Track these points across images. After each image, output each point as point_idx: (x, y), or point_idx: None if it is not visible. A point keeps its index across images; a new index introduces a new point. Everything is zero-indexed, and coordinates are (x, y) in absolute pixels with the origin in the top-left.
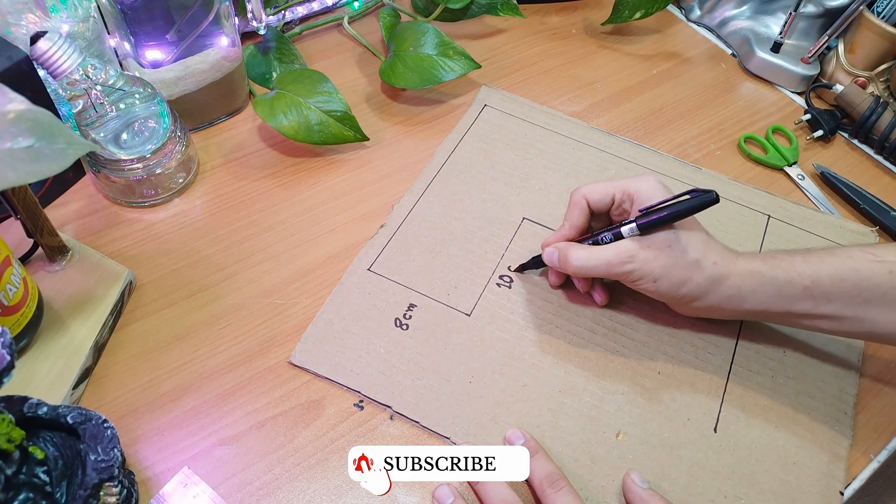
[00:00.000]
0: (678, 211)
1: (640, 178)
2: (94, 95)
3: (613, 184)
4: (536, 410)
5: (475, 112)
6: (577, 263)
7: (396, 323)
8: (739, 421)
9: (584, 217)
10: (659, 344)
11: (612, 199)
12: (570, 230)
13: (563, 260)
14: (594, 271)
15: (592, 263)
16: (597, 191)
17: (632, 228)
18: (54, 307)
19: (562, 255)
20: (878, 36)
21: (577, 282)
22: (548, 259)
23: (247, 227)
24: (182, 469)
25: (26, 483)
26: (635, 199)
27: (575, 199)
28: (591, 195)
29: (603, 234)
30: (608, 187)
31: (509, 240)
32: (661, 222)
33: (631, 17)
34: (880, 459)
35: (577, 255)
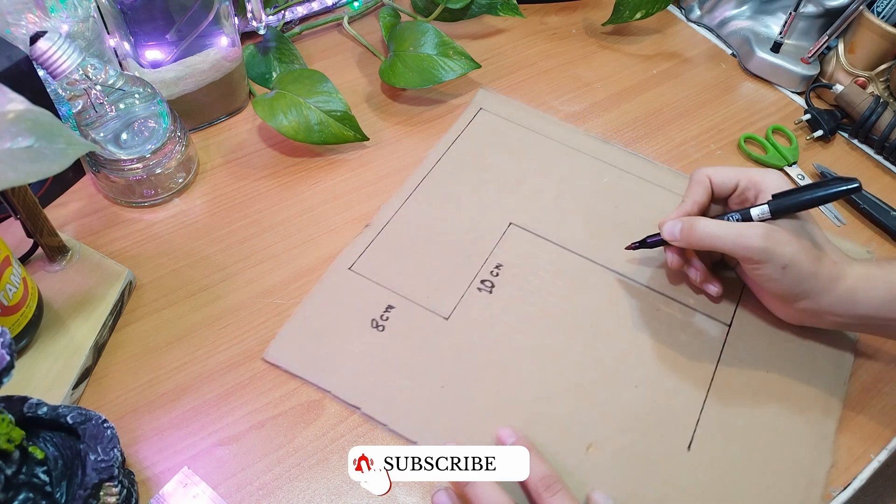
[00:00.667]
0: (818, 196)
1: (767, 171)
2: (93, 95)
3: (739, 170)
4: (508, 418)
5: (470, 115)
6: (703, 230)
7: (373, 324)
8: (715, 440)
9: (706, 194)
10: (639, 356)
11: (736, 185)
12: (692, 206)
13: (687, 229)
14: (720, 241)
15: (721, 232)
16: (722, 172)
17: (763, 211)
18: (54, 307)
19: (686, 225)
20: (878, 36)
21: (693, 269)
22: (668, 232)
23: (247, 227)
24: (182, 469)
25: (26, 483)
26: (762, 189)
27: (698, 177)
28: (715, 175)
29: (730, 215)
30: (734, 172)
31: (494, 244)
32: (797, 206)
33: (631, 17)
34: (880, 459)
35: (705, 223)
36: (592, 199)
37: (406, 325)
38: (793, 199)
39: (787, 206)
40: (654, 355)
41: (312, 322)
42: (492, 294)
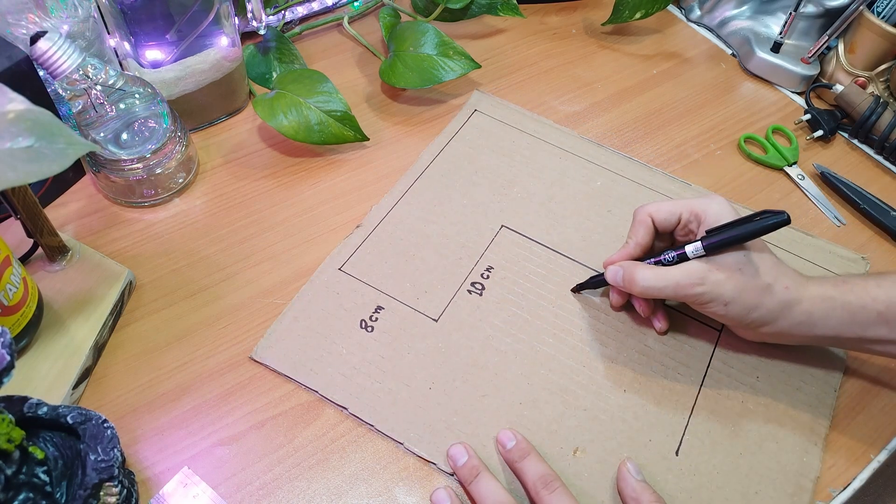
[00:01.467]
0: (748, 231)
1: (708, 199)
2: (94, 95)
3: (680, 203)
4: (495, 421)
5: (465, 116)
6: (644, 284)
7: (362, 324)
8: (703, 445)
9: (649, 235)
10: (628, 361)
11: (679, 219)
12: (634, 248)
13: (628, 279)
14: (661, 292)
15: (661, 284)
16: (663, 210)
17: (697, 248)
18: (54, 307)
19: (627, 274)
20: (878, 36)
21: (638, 305)
22: (611, 278)
23: (247, 227)
24: (182, 469)
25: (26, 483)
26: (703, 219)
27: (640, 217)
28: (656, 214)
29: (666, 254)
30: (675, 206)
31: (485, 247)
32: (729, 242)
33: (631, 17)
34: (880, 459)
35: (643, 275)
36: (585, 203)
37: (395, 327)
38: (725, 235)
39: (720, 242)
40: (644, 360)
41: (301, 322)
42: (482, 296)
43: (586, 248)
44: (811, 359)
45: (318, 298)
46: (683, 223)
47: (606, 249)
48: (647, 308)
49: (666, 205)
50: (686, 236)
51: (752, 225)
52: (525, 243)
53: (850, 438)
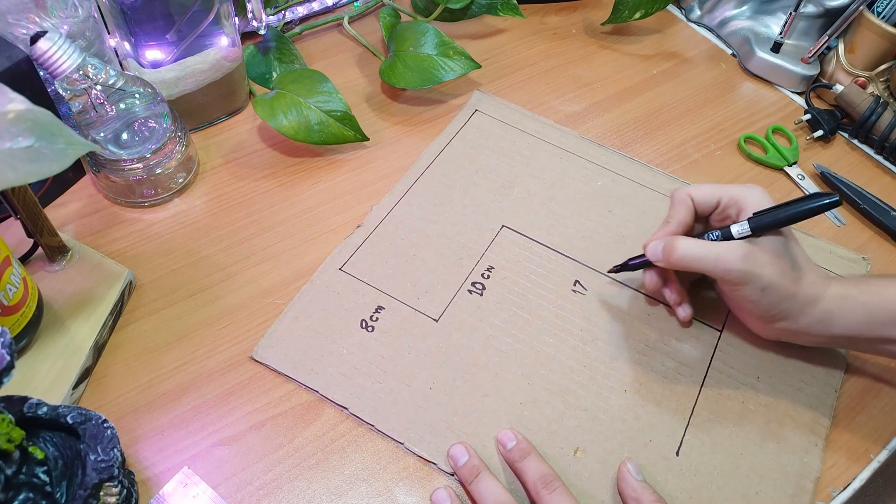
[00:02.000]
0: (799, 212)
1: (748, 187)
2: (94, 95)
3: (720, 187)
4: (495, 421)
5: (465, 116)
6: (683, 251)
7: (362, 324)
8: (704, 445)
9: (690, 215)
10: (628, 361)
11: (718, 203)
12: (676, 227)
13: (668, 249)
14: (700, 262)
15: (701, 253)
16: (703, 190)
17: (743, 227)
18: (54, 307)
19: (667, 245)
20: (878, 36)
21: (668, 290)
22: (652, 253)
23: (247, 227)
24: (182, 469)
25: (26, 483)
26: (743, 206)
27: (679, 196)
28: (696, 194)
29: (710, 234)
30: (715, 189)
31: (486, 247)
32: (778, 223)
33: (631, 17)
34: (880, 459)
35: (685, 243)
36: (585, 203)
37: (395, 326)
38: (773, 215)
39: (768, 223)
40: (645, 360)
41: (301, 322)
42: (482, 296)
43: (587, 248)
44: (812, 359)
45: (319, 298)
46: (722, 208)
47: (607, 249)
48: (678, 294)
49: (705, 187)
50: (723, 222)
51: (803, 204)
52: (525, 243)
53: (850, 438)
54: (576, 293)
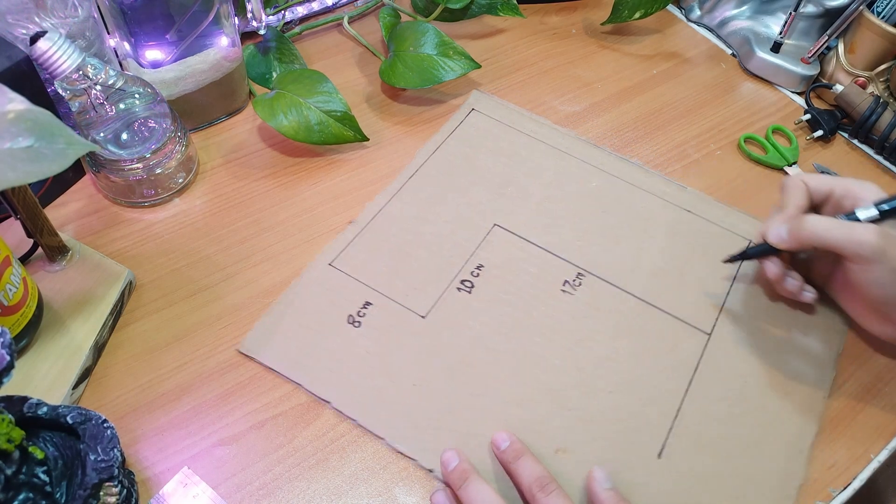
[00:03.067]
0: None
1: (863, 182)
2: (93, 95)
3: (833, 179)
4: (481, 419)
5: (462, 115)
6: (814, 226)
7: (349, 320)
8: (687, 449)
9: (806, 198)
10: (616, 363)
11: (830, 192)
12: (795, 210)
13: (796, 228)
14: (832, 237)
15: (833, 226)
16: (817, 178)
17: (869, 211)
18: (54, 307)
19: (794, 223)
20: (878, 36)
21: (788, 281)
22: (775, 235)
23: (247, 227)
24: (182, 469)
25: (26, 483)
26: (860, 197)
27: (793, 182)
28: (809, 181)
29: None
30: (828, 179)
31: (477, 245)
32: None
33: (631, 16)
34: (880, 459)
35: (814, 219)
36: (580, 204)
37: (382, 323)
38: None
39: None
40: (632, 362)
41: (289, 316)
42: (471, 294)
43: (580, 249)
44: (801, 366)
45: (308, 293)
46: (836, 199)
47: (601, 250)
48: (798, 280)
49: (819, 176)
50: (835, 213)
51: None
52: (517, 242)
53: (850, 438)
54: (565, 293)
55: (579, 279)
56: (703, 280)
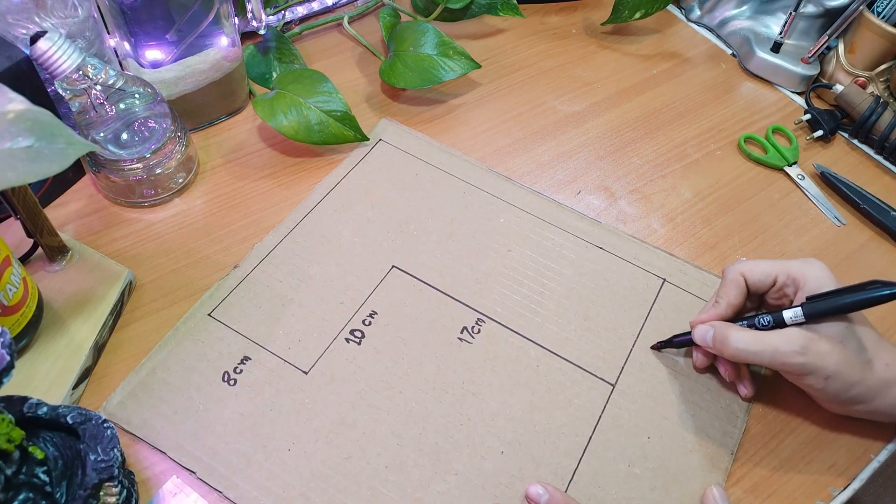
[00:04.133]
0: (857, 301)
1: (807, 263)
2: (94, 95)
3: (776, 264)
4: (355, 487)
5: (368, 146)
6: (739, 346)
7: (224, 377)
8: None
9: (742, 296)
10: (509, 419)
11: (774, 281)
12: (726, 309)
13: (720, 341)
14: (757, 357)
15: (757, 349)
16: (758, 270)
17: (796, 314)
18: (54, 307)
19: (719, 334)
20: (878, 36)
21: (723, 368)
22: (700, 338)
23: (247, 226)
24: (171, 478)
25: (26, 483)
26: (801, 284)
27: (731, 275)
28: (750, 274)
29: (761, 317)
30: (770, 267)
31: (373, 288)
32: (835, 311)
33: (631, 17)
34: (880, 459)
35: (738, 336)
36: (485, 241)
37: (259, 380)
38: (828, 303)
39: (822, 310)
40: (527, 418)
41: (159, 374)
42: (360, 346)
43: (481, 292)
44: (708, 420)
45: (181, 348)
46: (779, 286)
47: (500, 295)
48: (734, 372)
49: (761, 265)
50: (779, 300)
51: (862, 294)
52: (415, 286)
53: (849, 438)
54: (462, 342)
55: (479, 325)
56: (611, 325)
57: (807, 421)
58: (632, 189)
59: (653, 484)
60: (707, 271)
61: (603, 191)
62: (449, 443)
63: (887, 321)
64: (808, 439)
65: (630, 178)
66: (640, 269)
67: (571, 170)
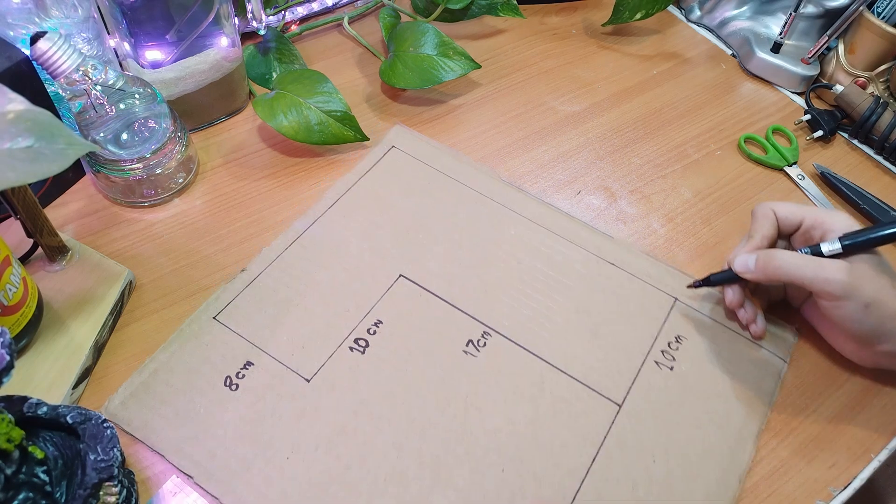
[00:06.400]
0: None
1: (834, 212)
2: (94, 96)
3: (804, 208)
4: (353, 498)
5: (380, 152)
6: (781, 262)
7: (226, 381)
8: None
9: (774, 228)
10: (512, 435)
11: (801, 222)
12: (761, 240)
13: (763, 261)
14: (800, 274)
15: (801, 262)
16: (787, 208)
17: (833, 244)
18: (54, 307)
19: (763, 256)
20: (878, 36)
21: (744, 310)
22: (742, 265)
23: (247, 227)
24: (171, 478)
25: (26, 483)
26: (830, 228)
27: (762, 210)
28: (780, 209)
29: (800, 250)
30: (798, 209)
31: (378, 297)
32: (872, 243)
33: (631, 17)
34: (881, 459)
35: (783, 255)
36: (495, 252)
37: (262, 386)
38: (866, 234)
39: (862, 242)
40: (529, 435)
41: (161, 375)
42: (364, 354)
43: (487, 304)
44: (717, 442)
45: (185, 350)
46: (805, 228)
47: (507, 308)
48: (753, 311)
49: (789, 205)
50: (806, 243)
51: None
52: (422, 295)
53: (850, 437)
54: (467, 354)
55: (484, 339)
56: (619, 343)
57: (807, 420)
58: (632, 189)
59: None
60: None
61: (603, 191)
62: (450, 457)
63: None
64: (808, 439)
65: (630, 179)
66: (651, 287)
67: (571, 170)
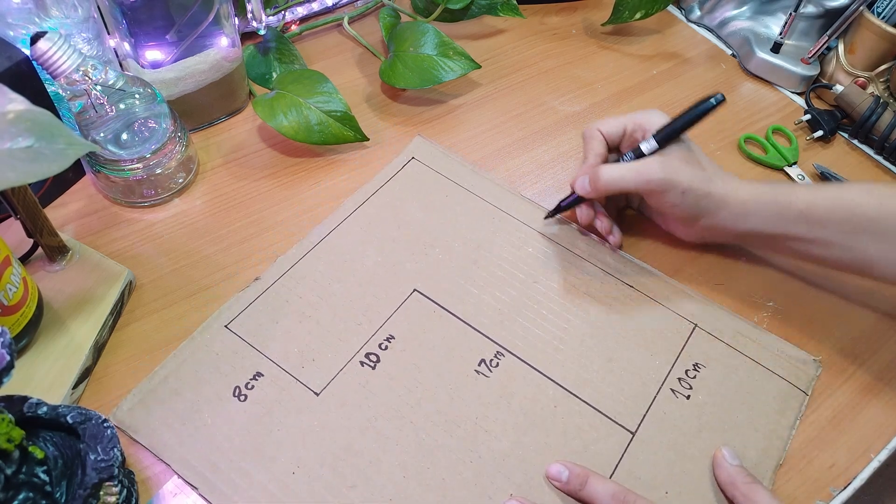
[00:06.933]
0: (692, 116)
1: (648, 111)
2: (94, 96)
3: (625, 117)
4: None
5: (400, 164)
6: (608, 176)
7: (235, 392)
8: None
9: (602, 145)
10: (521, 461)
11: (624, 130)
12: (595, 159)
13: (594, 179)
14: (625, 180)
15: (622, 172)
16: (609, 123)
17: (650, 143)
18: (54, 307)
19: (592, 175)
20: (878, 36)
21: (599, 220)
22: (580, 187)
23: (247, 227)
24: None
25: (26, 483)
26: (647, 127)
27: (589, 132)
28: (604, 127)
29: (624, 156)
30: (619, 119)
31: (391, 312)
32: (675, 132)
33: (631, 17)
34: (880, 459)
35: (607, 169)
36: (511, 270)
37: (270, 398)
38: (671, 126)
39: (669, 132)
40: (540, 461)
41: (171, 383)
42: (374, 370)
43: (501, 323)
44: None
45: (195, 358)
46: (629, 134)
47: (521, 328)
48: (608, 223)
49: (610, 119)
50: (632, 146)
51: (694, 111)
52: (436, 311)
53: (850, 437)
54: (479, 374)
55: (497, 359)
56: (635, 369)
57: (807, 421)
58: None
59: None
60: (741, 318)
61: None
62: (456, 480)
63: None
64: (808, 439)
65: None
66: (671, 312)
67: (572, 170)
